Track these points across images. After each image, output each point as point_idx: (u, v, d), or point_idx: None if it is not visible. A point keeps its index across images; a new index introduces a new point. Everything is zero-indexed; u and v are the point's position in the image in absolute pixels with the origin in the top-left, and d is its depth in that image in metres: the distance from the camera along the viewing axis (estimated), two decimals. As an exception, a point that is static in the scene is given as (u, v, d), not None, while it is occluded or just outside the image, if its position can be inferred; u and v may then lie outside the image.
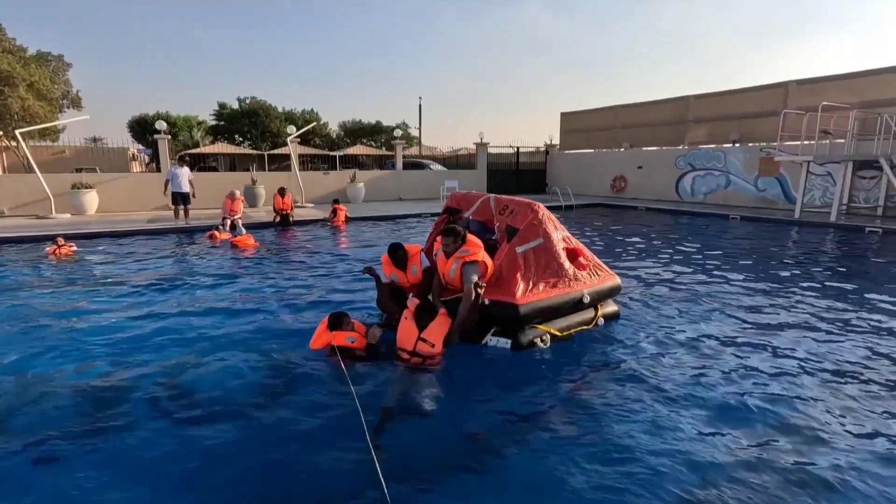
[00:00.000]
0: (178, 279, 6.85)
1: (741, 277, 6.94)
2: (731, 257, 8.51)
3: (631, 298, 5.75)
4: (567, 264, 4.52)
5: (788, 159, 13.63)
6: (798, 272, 7.29)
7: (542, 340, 4.19)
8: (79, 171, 15.66)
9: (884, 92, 13.38)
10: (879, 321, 5.03)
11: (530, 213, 4.60)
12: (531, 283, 4.22)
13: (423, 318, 3.89)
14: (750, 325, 4.93)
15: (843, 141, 12.93)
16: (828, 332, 4.72)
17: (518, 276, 4.20)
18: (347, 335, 3.99)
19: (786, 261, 8.23)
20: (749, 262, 8.03)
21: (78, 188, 13.77)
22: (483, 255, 4.19)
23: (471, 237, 4.27)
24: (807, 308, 5.50)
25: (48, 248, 8.70)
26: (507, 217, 4.73)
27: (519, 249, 4.35)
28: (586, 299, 4.46)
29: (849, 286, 6.45)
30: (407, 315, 3.96)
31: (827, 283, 6.61)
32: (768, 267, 7.68)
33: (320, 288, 6.42)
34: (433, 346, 3.80)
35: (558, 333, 4.32)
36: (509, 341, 4.10)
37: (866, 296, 5.97)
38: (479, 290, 3.89)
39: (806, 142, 12.53)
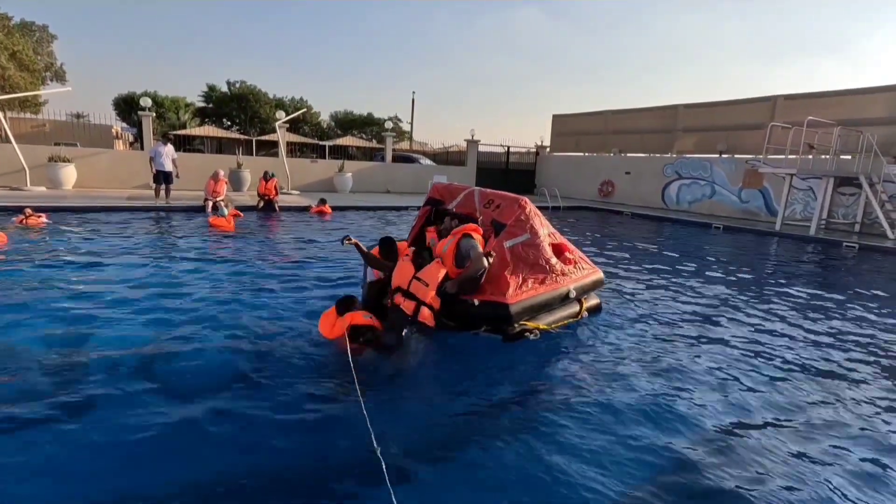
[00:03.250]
0: (152, 257, 6.69)
1: (717, 283, 7.03)
2: (709, 264, 8.61)
3: (612, 295, 5.79)
4: (554, 260, 4.52)
5: (772, 172, 13.86)
6: (773, 281, 7.39)
7: (531, 333, 4.18)
8: (58, 145, 15.20)
9: (866, 111, 13.69)
10: (849, 331, 5.14)
11: (518, 208, 4.57)
12: (521, 280, 4.20)
13: (424, 259, 3.99)
14: (718, 325, 5.07)
15: (826, 157, 13.19)
16: (794, 338, 4.81)
17: (507, 272, 4.17)
18: (363, 313, 3.77)
19: (763, 270, 8.35)
20: (726, 270, 8.13)
21: (55, 161, 13.38)
22: (480, 238, 4.20)
23: (470, 224, 4.31)
24: (776, 314, 5.59)
25: (16, 219, 8.41)
26: (492, 211, 4.69)
27: (507, 244, 4.33)
28: (573, 294, 4.47)
29: (823, 297, 6.56)
30: (404, 258, 4.05)
31: (801, 294, 6.70)
32: (744, 275, 7.79)
33: (296, 271, 6.33)
34: (427, 285, 3.79)
35: (548, 329, 4.31)
36: (500, 336, 4.08)
37: (838, 307, 6.08)
38: (489, 258, 3.99)
39: (790, 156, 12.74)
